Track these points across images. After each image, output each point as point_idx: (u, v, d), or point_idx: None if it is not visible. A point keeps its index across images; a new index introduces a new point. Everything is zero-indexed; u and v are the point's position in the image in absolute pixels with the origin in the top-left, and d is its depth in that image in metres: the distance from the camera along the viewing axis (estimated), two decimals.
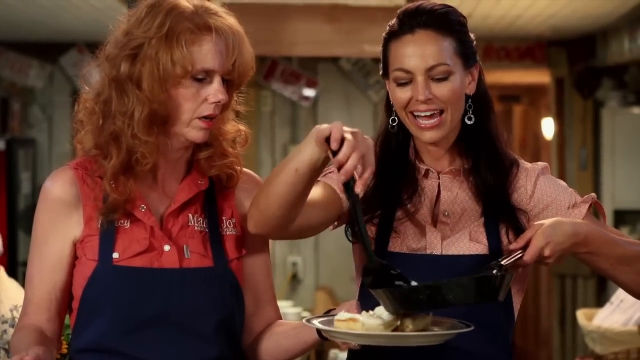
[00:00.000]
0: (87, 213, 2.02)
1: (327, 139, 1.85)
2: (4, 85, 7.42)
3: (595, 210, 2.22)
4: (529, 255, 1.99)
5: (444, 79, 2.10)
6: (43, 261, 2.03)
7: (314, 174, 1.92)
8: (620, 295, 5.30)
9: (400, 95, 2.11)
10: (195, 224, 2.07)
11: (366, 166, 1.85)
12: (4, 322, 2.59)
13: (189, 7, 2.01)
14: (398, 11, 2.17)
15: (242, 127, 2.15)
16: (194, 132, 2.02)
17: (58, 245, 2.03)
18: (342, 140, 1.84)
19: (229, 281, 2.07)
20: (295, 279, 6.84)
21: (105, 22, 2.11)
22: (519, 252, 2.00)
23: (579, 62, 7.63)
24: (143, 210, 2.03)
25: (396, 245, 2.12)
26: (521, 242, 2.01)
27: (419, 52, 2.09)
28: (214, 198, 2.11)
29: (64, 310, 2.07)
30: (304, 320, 1.97)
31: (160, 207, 2.06)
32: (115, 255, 2.00)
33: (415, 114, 2.10)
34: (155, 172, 2.07)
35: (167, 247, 2.02)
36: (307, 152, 1.89)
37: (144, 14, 2.01)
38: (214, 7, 2.05)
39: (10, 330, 2.49)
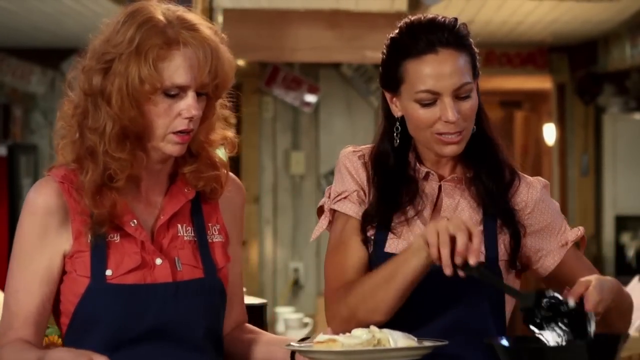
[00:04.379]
0: (76, 228, 1.99)
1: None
2: (6, 92, 7.43)
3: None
4: (590, 310, 1.98)
5: (467, 97, 2.09)
6: (31, 274, 1.99)
7: (425, 272, 2.01)
8: None
9: (427, 115, 2.08)
10: (185, 234, 2.06)
11: (473, 236, 1.91)
12: None
13: (162, 20, 1.96)
14: (402, 24, 2.14)
15: (228, 134, 2.12)
16: (170, 147, 1.99)
17: (47, 258, 1.99)
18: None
19: (218, 290, 2.07)
20: (296, 285, 6.85)
21: None
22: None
23: (581, 68, 7.63)
24: (134, 225, 2.00)
25: (392, 247, 2.12)
26: (573, 298, 2.00)
27: (446, 72, 2.05)
28: (199, 205, 2.10)
29: (47, 324, 2.04)
30: (284, 345, 1.98)
31: (149, 219, 2.04)
32: (108, 272, 1.97)
33: (441, 133, 2.08)
34: (139, 184, 2.04)
35: (158, 261, 2.00)
36: (419, 261, 1.97)
37: (121, 23, 1.98)
38: (191, 17, 2.00)
39: None
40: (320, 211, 2.24)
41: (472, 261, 1.89)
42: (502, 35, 7.07)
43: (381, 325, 1.95)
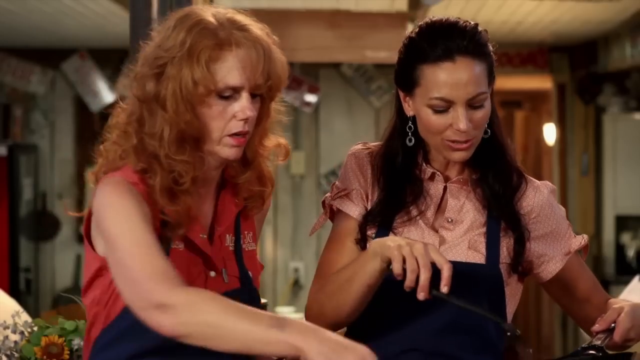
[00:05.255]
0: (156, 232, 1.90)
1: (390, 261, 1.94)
2: (6, 91, 7.43)
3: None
4: (619, 337, 2.07)
5: (480, 106, 2.08)
6: (150, 235, 1.84)
7: (382, 278, 2.00)
8: None
9: (438, 122, 2.07)
10: (230, 244, 2.04)
11: (442, 265, 1.90)
12: (6, 327, 2.58)
13: (212, 22, 1.93)
14: (423, 24, 2.12)
15: (282, 140, 2.08)
16: (226, 150, 1.95)
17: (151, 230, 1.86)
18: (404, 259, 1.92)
19: (254, 299, 2.05)
20: (297, 285, 6.84)
21: (107, 28, 2.09)
22: (606, 334, 2.09)
23: (581, 68, 7.63)
24: (204, 237, 1.97)
25: None
26: (604, 324, 2.08)
27: (461, 81, 2.05)
28: (239, 214, 2.08)
29: None
30: None
31: (205, 229, 2.00)
32: None
33: (450, 139, 2.08)
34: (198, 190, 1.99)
35: (212, 274, 1.98)
36: (374, 267, 1.98)
37: (172, 28, 1.94)
38: (241, 18, 1.97)
39: (12, 336, 2.48)
40: (325, 204, 2.25)
41: (444, 289, 1.90)
42: (502, 35, 7.07)
43: None
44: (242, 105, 1.93)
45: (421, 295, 1.90)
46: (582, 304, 2.26)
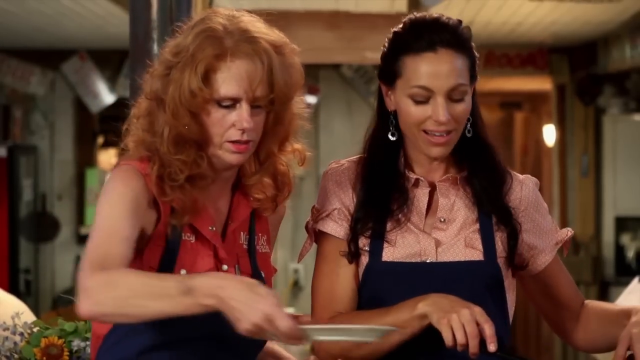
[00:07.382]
0: (163, 218, 1.93)
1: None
2: (6, 92, 7.43)
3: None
4: None
5: (460, 99, 2.10)
6: (128, 224, 1.86)
7: None
8: (622, 302, 5.29)
9: (417, 112, 2.08)
10: (244, 242, 2.04)
11: (483, 325, 1.94)
12: (5, 329, 2.58)
13: (220, 30, 1.92)
14: (407, 20, 2.15)
15: (297, 146, 2.06)
16: (228, 155, 1.95)
17: (134, 224, 1.87)
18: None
19: None
20: (296, 286, 6.85)
21: (107, 29, 2.09)
22: None
23: (581, 69, 7.64)
24: (212, 230, 1.98)
25: (390, 255, 2.11)
26: (621, 350, 2.05)
27: (442, 72, 2.07)
28: (253, 214, 2.08)
29: None
30: None
31: (216, 225, 2.01)
32: (182, 272, 1.92)
33: (429, 132, 2.09)
34: (210, 188, 1.99)
35: (225, 267, 1.98)
36: (419, 325, 2.00)
37: (186, 30, 1.95)
38: (253, 28, 1.96)
39: (12, 337, 2.48)
40: (308, 229, 2.24)
41: (492, 348, 1.95)
42: (502, 36, 7.07)
43: None
44: (240, 116, 1.92)
45: (472, 358, 1.96)
46: (558, 305, 2.28)
